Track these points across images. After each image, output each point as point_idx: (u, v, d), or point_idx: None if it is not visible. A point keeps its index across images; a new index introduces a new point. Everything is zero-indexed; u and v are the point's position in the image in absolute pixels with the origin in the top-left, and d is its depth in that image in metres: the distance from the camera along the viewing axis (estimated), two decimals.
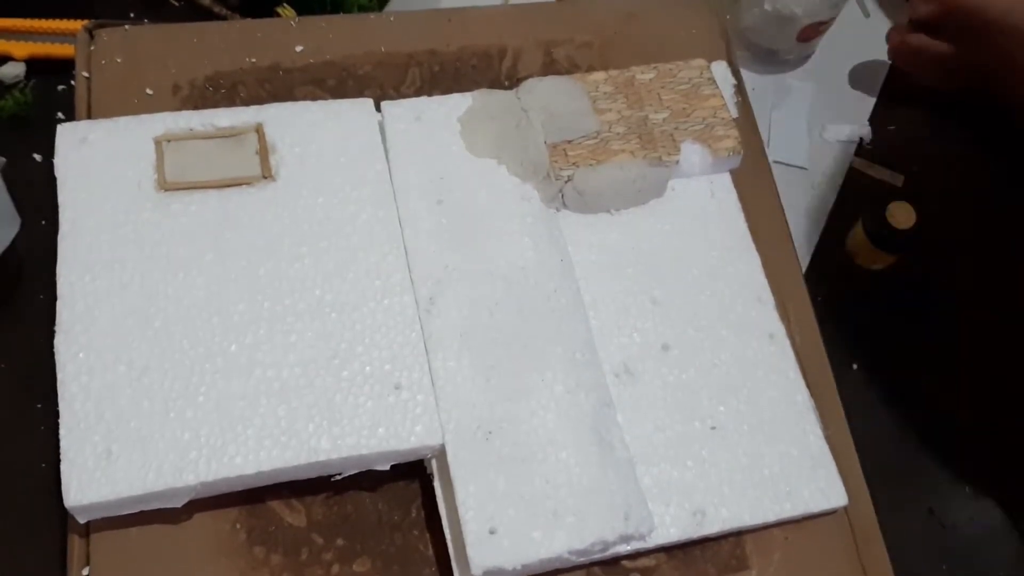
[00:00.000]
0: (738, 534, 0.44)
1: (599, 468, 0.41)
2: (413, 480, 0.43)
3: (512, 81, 0.53)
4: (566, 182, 0.47)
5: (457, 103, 0.49)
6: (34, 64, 0.56)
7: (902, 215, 0.55)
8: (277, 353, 0.42)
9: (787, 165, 0.61)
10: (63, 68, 0.55)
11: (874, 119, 0.63)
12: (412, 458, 0.42)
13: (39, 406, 0.46)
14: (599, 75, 0.51)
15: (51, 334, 0.42)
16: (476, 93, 0.50)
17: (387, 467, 0.41)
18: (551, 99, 0.49)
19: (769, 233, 0.51)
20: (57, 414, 0.39)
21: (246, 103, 0.50)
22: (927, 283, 0.55)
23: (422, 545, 0.42)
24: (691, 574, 0.43)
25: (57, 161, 0.44)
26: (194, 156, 0.45)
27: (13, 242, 0.48)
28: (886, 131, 0.63)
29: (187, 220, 0.44)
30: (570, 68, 0.54)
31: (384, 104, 0.49)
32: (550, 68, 0.54)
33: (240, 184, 0.45)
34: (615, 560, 0.43)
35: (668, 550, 0.43)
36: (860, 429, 0.47)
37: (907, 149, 0.63)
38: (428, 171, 0.47)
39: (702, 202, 0.50)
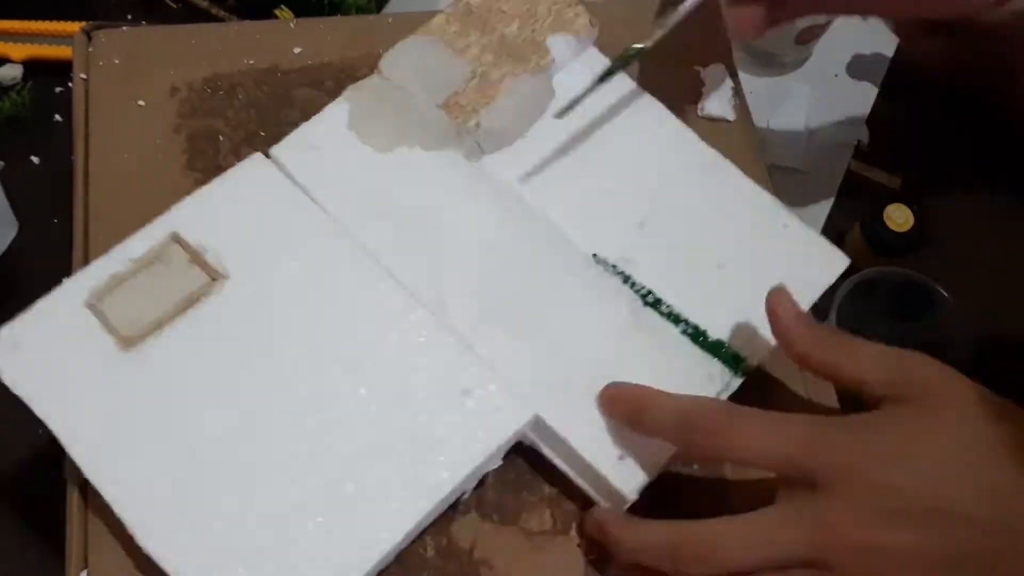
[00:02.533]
0: None
1: (673, 351, 0.43)
2: None
3: None
4: (476, 130, 0.47)
5: (335, 113, 0.47)
6: (32, 66, 0.56)
7: (899, 218, 0.55)
8: (345, 435, 0.40)
9: (784, 168, 0.61)
10: (61, 70, 0.55)
11: (871, 121, 0.64)
12: (516, 440, 0.42)
13: None
14: (439, 19, 0.50)
15: None
16: (346, 95, 0.48)
17: (500, 463, 0.42)
18: (415, 64, 0.48)
19: None
20: None
21: (244, 105, 0.50)
22: (924, 286, 0.55)
23: (421, 549, 0.42)
24: None
25: (6, 378, 0.40)
26: (134, 299, 0.41)
27: (10, 245, 0.48)
28: (884, 134, 0.63)
29: (170, 361, 0.41)
30: None
31: (273, 151, 0.46)
32: None
33: (198, 299, 0.42)
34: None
35: None
36: None
37: (904, 151, 0.63)
38: (357, 192, 0.45)
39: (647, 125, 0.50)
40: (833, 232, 0.59)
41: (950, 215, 0.60)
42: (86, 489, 0.41)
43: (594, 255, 0.46)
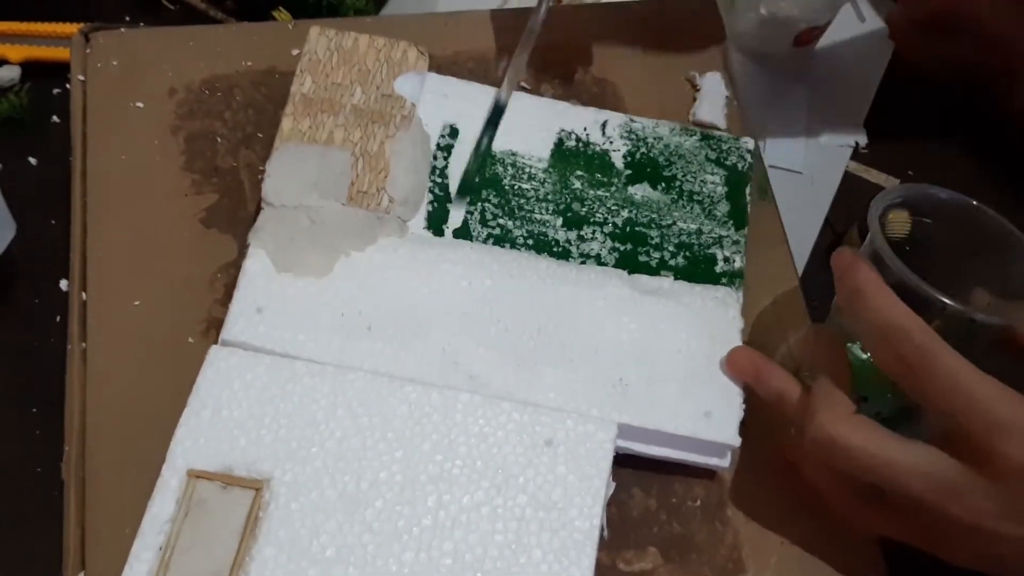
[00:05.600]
0: (734, 537, 0.44)
1: (681, 297, 0.46)
2: None
3: None
4: (392, 206, 0.46)
5: (257, 267, 0.44)
6: (29, 67, 0.56)
7: (897, 220, 0.55)
8: (478, 541, 0.40)
9: (783, 169, 0.61)
10: (59, 71, 0.55)
11: (869, 123, 0.64)
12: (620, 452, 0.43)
13: (34, 410, 0.46)
14: (286, 123, 0.47)
15: (47, 339, 0.42)
16: (253, 242, 0.45)
17: (614, 485, 0.43)
18: (296, 178, 0.46)
19: (766, 237, 0.51)
20: (52, 416, 0.39)
21: (242, 106, 0.50)
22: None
23: None
24: None
25: None
26: (198, 555, 0.39)
27: (8, 247, 0.48)
28: (882, 135, 0.63)
29: None
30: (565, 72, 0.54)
31: (224, 336, 0.43)
32: (546, 71, 0.54)
33: (258, 516, 0.39)
34: (611, 564, 0.43)
35: (664, 552, 0.43)
36: None
37: (902, 153, 0.63)
38: (327, 324, 0.43)
39: None
40: (831, 234, 0.59)
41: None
42: (83, 488, 0.41)
43: (557, 251, 0.47)
